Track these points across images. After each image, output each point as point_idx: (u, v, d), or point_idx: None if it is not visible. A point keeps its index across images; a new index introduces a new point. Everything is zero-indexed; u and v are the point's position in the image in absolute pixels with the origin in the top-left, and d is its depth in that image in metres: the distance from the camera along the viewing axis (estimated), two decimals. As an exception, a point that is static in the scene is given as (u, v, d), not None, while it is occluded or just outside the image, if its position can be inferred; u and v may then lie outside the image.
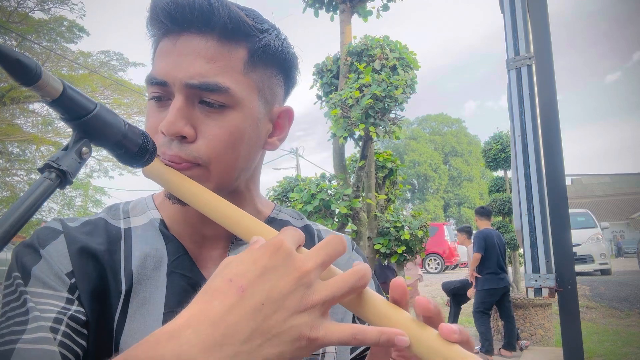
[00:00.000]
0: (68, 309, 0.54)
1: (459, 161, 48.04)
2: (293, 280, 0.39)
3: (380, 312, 0.43)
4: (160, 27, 0.60)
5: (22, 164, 16.05)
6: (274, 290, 0.38)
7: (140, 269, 0.61)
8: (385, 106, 4.68)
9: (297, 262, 0.40)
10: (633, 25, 76.25)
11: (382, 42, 5.29)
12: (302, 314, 0.39)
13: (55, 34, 14.36)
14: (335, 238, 0.44)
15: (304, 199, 4.64)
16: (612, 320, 7.81)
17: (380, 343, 0.40)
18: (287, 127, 0.70)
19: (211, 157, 0.59)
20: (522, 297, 6.43)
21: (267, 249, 0.41)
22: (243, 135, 0.60)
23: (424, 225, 5.90)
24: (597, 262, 12.36)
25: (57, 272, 0.56)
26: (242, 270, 0.40)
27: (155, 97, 0.61)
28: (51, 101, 0.42)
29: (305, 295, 0.39)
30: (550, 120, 2.38)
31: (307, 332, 0.38)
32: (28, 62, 0.38)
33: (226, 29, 0.58)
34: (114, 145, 0.49)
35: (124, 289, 0.59)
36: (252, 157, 0.64)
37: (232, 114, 0.59)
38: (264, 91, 0.63)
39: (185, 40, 0.58)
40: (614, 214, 29.60)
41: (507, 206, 9.16)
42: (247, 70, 0.60)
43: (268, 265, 0.39)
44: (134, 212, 0.67)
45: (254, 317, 0.37)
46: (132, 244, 0.62)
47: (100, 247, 0.60)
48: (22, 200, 0.40)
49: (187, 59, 0.57)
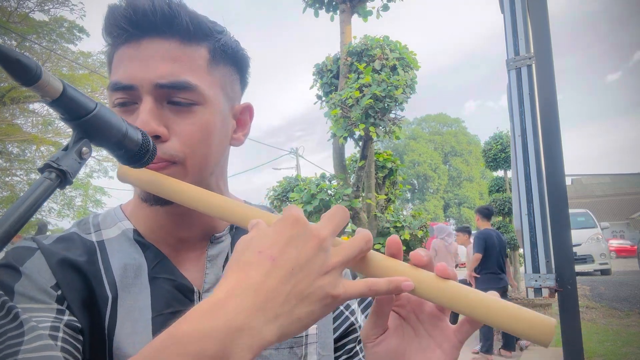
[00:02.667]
0: (61, 318, 0.53)
1: (459, 161, 48.04)
2: (314, 246, 0.43)
3: (384, 266, 0.49)
4: (121, 33, 0.60)
5: (22, 164, 16.05)
6: (300, 256, 0.42)
7: (122, 277, 0.61)
8: (385, 106, 4.69)
9: (314, 230, 0.44)
10: (633, 25, 76.31)
11: (382, 42, 5.29)
12: (325, 276, 0.43)
13: (56, 35, 14.35)
14: (340, 209, 0.48)
15: (304, 199, 4.64)
16: (612, 320, 7.81)
17: (390, 290, 0.46)
18: (249, 122, 0.73)
19: (186, 153, 0.61)
20: (522, 297, 6.42)
21: (287, 222, 0.44)
22: (213, 130, 0.63)
23: (424, 225, 5.90)
24: (597, 262, 12.35)
25: (41, 286, 0.55)
26: (268, 242, 0.43)
27: (119, 103, 0.61)
28: (51, 101, 0.42)
29: (326, 259, 0.44)
30: (550, 120, 2.38)
31: (331, 290, 0.43)
32: (28, 62, 0.38)
33: (188, 30, 0.61)
34: (114, 145, 0.49)
35: (110, 296, 0.59)
36: (222, 152, 0.67)
37: (201, 110, 0.61)
38: (226, 89, 0.67)
39: (148, 44, 0.60)
40: (614, 214, 29.60)
41: (507, 206, 9.16)
42: (211, 68, 0.63)
43: (292, 235, 0.43)
44: (104, 225, 0.67)
45: (288, 281, 0.41)
46: (109, 256, 0.63)
47: (80, 258, 0.60)
48: (22, 200, 0.40)
49: (153, 61, 0.59)
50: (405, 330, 0.54)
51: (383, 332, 0.54)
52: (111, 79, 0.62)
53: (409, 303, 0.54)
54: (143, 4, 0.59)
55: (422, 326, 0.54)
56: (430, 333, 0.53)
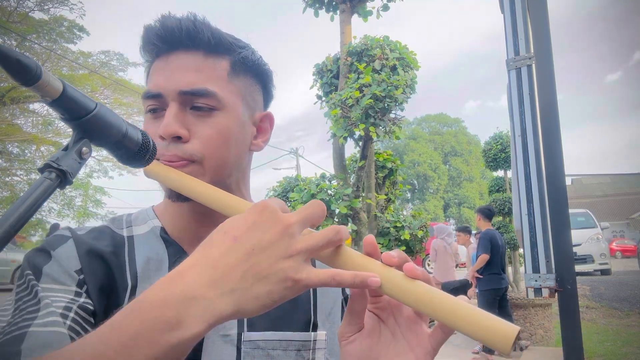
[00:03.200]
0: (77, 300, 0.59)
1: (459, 161, 48.05)
2: (279, 231, 0.45)
3: (355, 262, 0.50)
4: (153, 49, 0.69)
5: (22, 164, 16.05)
6: (262, 239, 0.45)
7: (145, 270, 0.67)
8: (385, 106, 4.69)
9: (282, 217, 0.47)
10: (634, 24, 76.32)
11: (382, 42, 5.29)
12: (288, 259, 0.45)
13: (55, 34, 14.35)
14: (315, 202, 0.51)
15: (304, 199, 4.64)
16: (612, 320, 7.82)
17: (355, 284, 0.47)
18: (269, 130, 0.79)
19: (204, 153, 0.67)
20: (522, 297, 6.42)
21: (255, 208, 0.47)
22: (231, 134, 0.69)
23: (424, 225, 5.90)
24: (597, 262, 12.35)
25: (66, 269, 0.62)
26: (234, 224, 0.46)
27: (151, 109, 0.69)
28: (51, 101, 0.42)
29: (290, 244, 0.45)
30: (550, 120, 2.38)
31: (292, 274, 0.44)
32: (28, 62, 0.38)
33: (210, 44, 0.68)
34: (114, 145, 0.49)
35: (129, 285, 0.65)
36: (240, 155, 0.73)
37: (220, 115, 0.68)
38: (247, 98, 0.73)
39: (176, 57, 0.68)
40: (614, 214, 29.59)
41: (507, 206, 9.15)
42: (231, 78, 0.70)
43: (257, 219, 0.46)
44: (136, 222, 0.74)
45: (246, 260, 0.44)
46: (135, 249, 0.69)
47: (107, 249, 0.67)
48: (22, 200, 0.40)
49: (179, 72, 0.67)
50: (382, 332, 0.55)
51: (358, 331, 0.55)
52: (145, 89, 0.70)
53: (388, 306, 0.56)
54: (171, 23, 0.67)
55: (399, 329, 0.55)
56: (406, 337, 0.54)
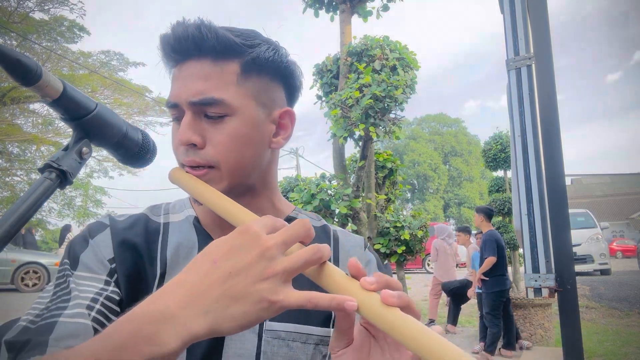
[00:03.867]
0: (105, 289, 0.64)
1: (459, 161, 48.03)
2: (257, 254, 0.47)
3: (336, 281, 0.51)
4: (169, 58, 0.71)
5: (22, 164, 16.04)
6: (240, 262, 0.47)
7: (174, 256, 0.71)
8: (385, 106, 4.68)
9: (262, 240, 0.48)
10: (633, 25, 76.28)
11: (382, 42, 5.29)
12: (265, 281, 0.46)
13: (56, 34, 14.34)
14: (299, 221, 0.52)
15: (304, 199, 4.64)
16: (612, 320, 7.81)
17: (332, 307, 0.48)
18: (290, 126, 0.78)
19: (219, 159, 0.68)
20: (522, 297, 6.42)
21: (236, 232, 0.49)
22: (244, 137, 0.69)
23: (424, 225, 5.90)
24: (597, 262, 12.34)
25: (100, 258, 0.67)
26: (215, 248, 0.49)
27: (175, 118, 0.72)
28: (51, 101, 0.42)
29: (267, 267, 0.47)
30: (550, 120, 2.38)
31: (268, 295, 0.46)
32: (28, 62, 0.38)
33: (216, 50, 0.68)
34: (114, 145, 0.49)
35: (158, 273, 0.69)
36: (259, 155, 0.73)
37: (232, 120, 0.68)
38: (261, 97, 0.72)
39: (187, 66, 0.69)
40: (614, 214, 29.58)
41: (507, 206, 9.16)
42: (241, 81, 0.69)
43: (236, 243, 0.48)
44: (174, 210, 0.79)
45: (223, 282, 0.46)
46: (169, 235, 0.74)
47: (139, 239, 0.71)
48: (22, 200, 0.40)
49: (189, 81, 0.68)
50: (372, 347, 0.57)
51: (347, 346, 0.56)
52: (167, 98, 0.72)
53: None
54: (179, 32, 0.67)
55: (387, 346, 0.56)
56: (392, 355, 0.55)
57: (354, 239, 0.86)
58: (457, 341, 6.19)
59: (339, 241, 0.84)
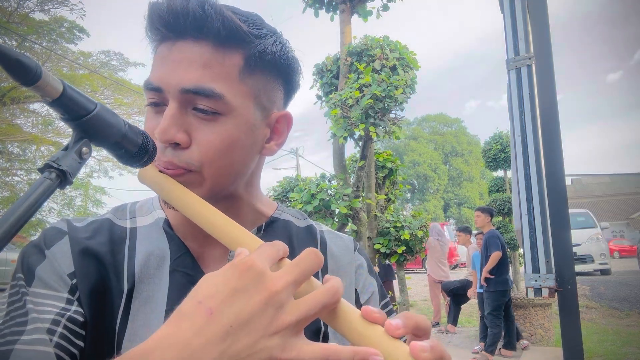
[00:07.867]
0: (67, 309, 0.55)
1: (459, 161, 48.03)
2: (262, 300, 0.39)
3: (354, 327, 0.43)
4: (157, 33, 0.60)
5: (22, 164, 16.04)
6: (242, 312, 0.38)
7: (144, 267, 0.61)
8: (385, 106, 4.68)
9: (268, 282, 0.40)
10: (633, 25, 76.30)
11: (382, 42, 5.29)
12: (273, 337, 0.38)
13: (56, 35, 14.34)
14: (311, 253, 0.43)
15: (304, 199, 4.64)
16: (612, 320, 7.81)
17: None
18: (286, 132, 0.69)
19: (204, 163, 0.59)
20: (522, 297, 6.43)
21: (237, 269, 0.40)
22: (236, 142, 0.60)
23: (424, 225, 5.90)
24: (597, 262, 12.35)
25: (59, 272, 0.57)
26: (211, 292, 0.39)
27: (151, 102, 0.61)
28: (51, 101, 0.42)
29: (276, 317, 0.39)
30: (550, 120, 2.38)
31: (278, 354, 0.38)
32: (28, 62, 0.38)
33: (219, 35, 0.58)
34: (113, 145, 0.49)
35: (125, 288, 0.59)
36: (247, 162, 0.64)
37: (226, 121, 0.59)
38: (260, 97, 0.63)
39: (180, 47, 0.58)
40: (614, 214, 29.56)
41: (507, 206, 9.16)
42: (243, 76, 0.60)
43: (237, 286, 0.39)
44: (140, 212, 0.68)
45: (222, 341, 0.37)
46: (137, 243, 0.64)
47: (103, 248, 0.61)
48: (22, 200, 0.40)
49: (182, 66, 0.58)
50: None
51: None
52: (148, 77, 0.61)
53: None
54: (177, 6, 0.57)
55: None
56: None
57: (342, 241, 0.76)
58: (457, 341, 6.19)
59: (327, 245, 0.74)
